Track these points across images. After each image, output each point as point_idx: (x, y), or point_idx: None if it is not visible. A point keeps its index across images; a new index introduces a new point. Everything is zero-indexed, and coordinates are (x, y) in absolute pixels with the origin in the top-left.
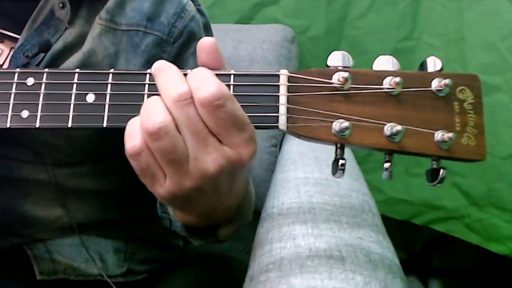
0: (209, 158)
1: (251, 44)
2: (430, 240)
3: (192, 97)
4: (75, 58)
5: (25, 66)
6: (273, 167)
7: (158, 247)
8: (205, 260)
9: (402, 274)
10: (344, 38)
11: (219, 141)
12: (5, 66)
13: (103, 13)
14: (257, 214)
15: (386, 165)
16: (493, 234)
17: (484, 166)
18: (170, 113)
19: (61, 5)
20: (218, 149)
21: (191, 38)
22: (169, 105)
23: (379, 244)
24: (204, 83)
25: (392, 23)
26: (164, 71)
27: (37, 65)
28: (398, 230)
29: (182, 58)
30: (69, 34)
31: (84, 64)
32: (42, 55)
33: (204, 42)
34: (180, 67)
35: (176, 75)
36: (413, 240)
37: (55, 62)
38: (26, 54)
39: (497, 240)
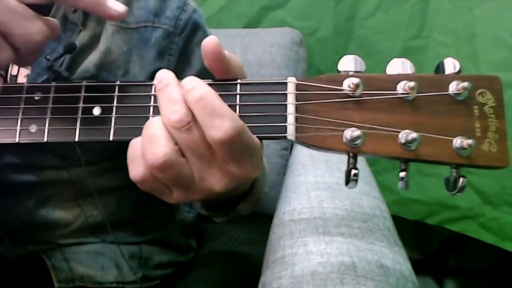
0: (214, 179)
1: (260, 49)
2: (445, 239)
3: (192, 120)
4: (94, 57)
5: (49, 68)
6: (284, 170)
7: (172, 248)
8: (218, 264)
9: (414, 277)
10: (353, 38)
11: (225, 160)
12: (28, 70)
13: None
14: (269, 217)
15: (402, 174)
16: (509, 233)
17: None
18: (172, 137)
19: (73, 9)
20: (222, 169)
21: (196, 29)
22: (169, 129)
23: (391, 249)
24: (215, 119)
25: (401, 22)
26: (162, 91)
27: (60, 66)
28: (412, 230)
29: (189, 48)
30: (84, 36)
31: (102, 63)
32: (63, 57)
33: (206, 44)
34: (188, 57)
35: (175, 96)
36: (428, 240)
37: (75, 62)
38: (48, 58)
39: None
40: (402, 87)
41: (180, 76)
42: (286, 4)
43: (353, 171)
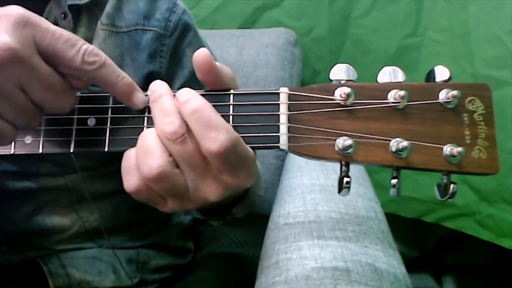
0: (209, 189)
1: (254, 49)
2: (443, 236)
3: (186, 132)
4: None
5: None
6: (280, 171)
7: (170, 252)
8: (215, 266)
9: (408, 280)
10: (348, 37)
11: (219, 171)
12: None
13: (104, 19)
14: (265, 219)
15: (393, 181)
16: (505, 230)
17: None
18: (166, 148)
19: (62, 15)
20: (217, 180)
21: (186, 30)
22: (164, 140)
23: (385, 252)
24: (210, 131)
25: (396, 20)
26: (156, 103)
27: None
28: (410, 227)
29: (180, 49)
30: None
31: None
32: None
33: (197, 57)
34: (179, 59)
35: (169, 107)
36: (426, 237)
37: None
38: None
39: (509, 235)
40: (393, 96)
41: (173, 77)
42: (281, 4)
43: (345, 179)
